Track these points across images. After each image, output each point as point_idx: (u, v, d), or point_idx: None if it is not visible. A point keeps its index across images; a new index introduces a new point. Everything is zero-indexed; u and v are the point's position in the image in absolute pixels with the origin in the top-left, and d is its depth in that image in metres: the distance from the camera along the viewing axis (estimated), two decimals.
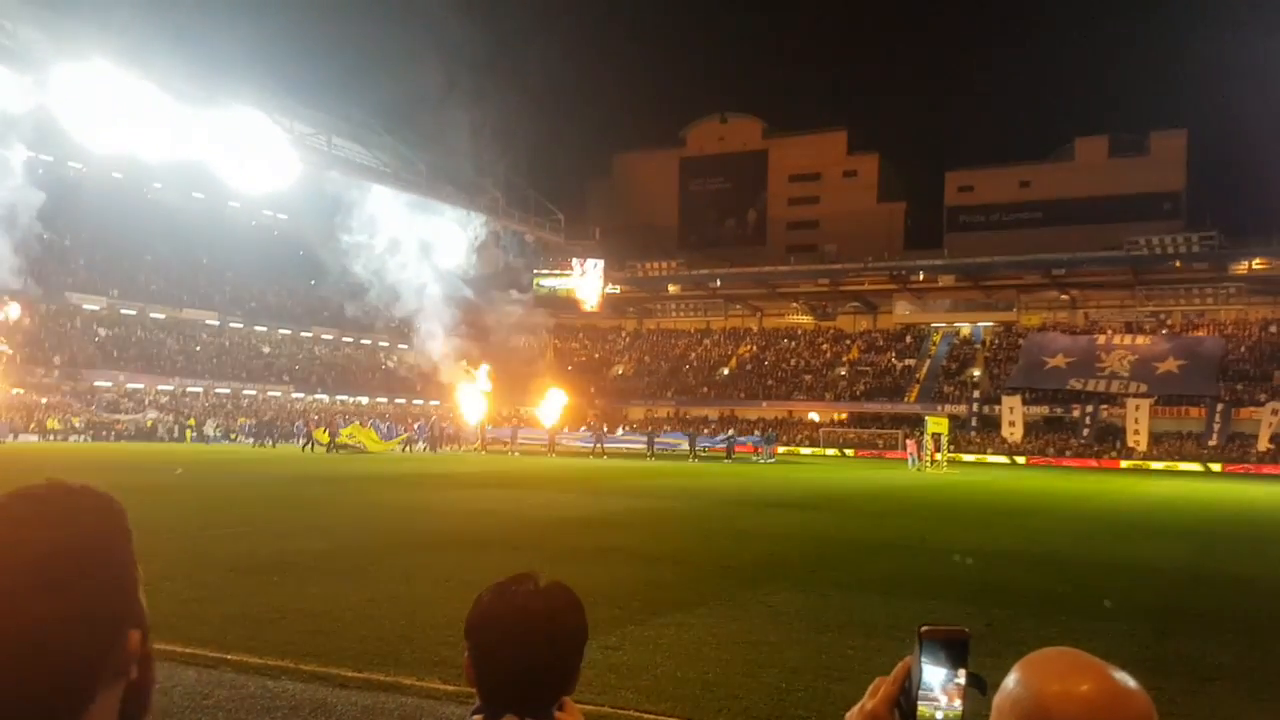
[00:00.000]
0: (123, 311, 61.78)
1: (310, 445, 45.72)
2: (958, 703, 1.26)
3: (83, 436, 49.91)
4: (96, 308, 60.44)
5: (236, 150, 54.52)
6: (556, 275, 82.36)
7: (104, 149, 51.54)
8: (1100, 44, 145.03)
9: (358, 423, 51.18)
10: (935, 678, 1.26)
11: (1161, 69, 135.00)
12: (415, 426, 53.08)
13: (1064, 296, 74.03)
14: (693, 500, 23.54)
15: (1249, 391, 60.72)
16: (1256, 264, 65.74)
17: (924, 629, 1.27)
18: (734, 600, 10.38)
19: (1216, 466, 55.34)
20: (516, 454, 48.74)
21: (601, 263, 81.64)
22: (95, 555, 1.02)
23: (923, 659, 1.26)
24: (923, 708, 1.26)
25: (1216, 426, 59.14)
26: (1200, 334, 67.33)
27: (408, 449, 48.82)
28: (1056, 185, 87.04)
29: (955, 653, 1.26)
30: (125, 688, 1.06)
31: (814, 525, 18.89)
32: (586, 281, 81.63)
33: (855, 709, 1.33)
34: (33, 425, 49.32)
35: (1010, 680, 1.13)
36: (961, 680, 1.26)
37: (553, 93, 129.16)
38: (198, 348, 63.59)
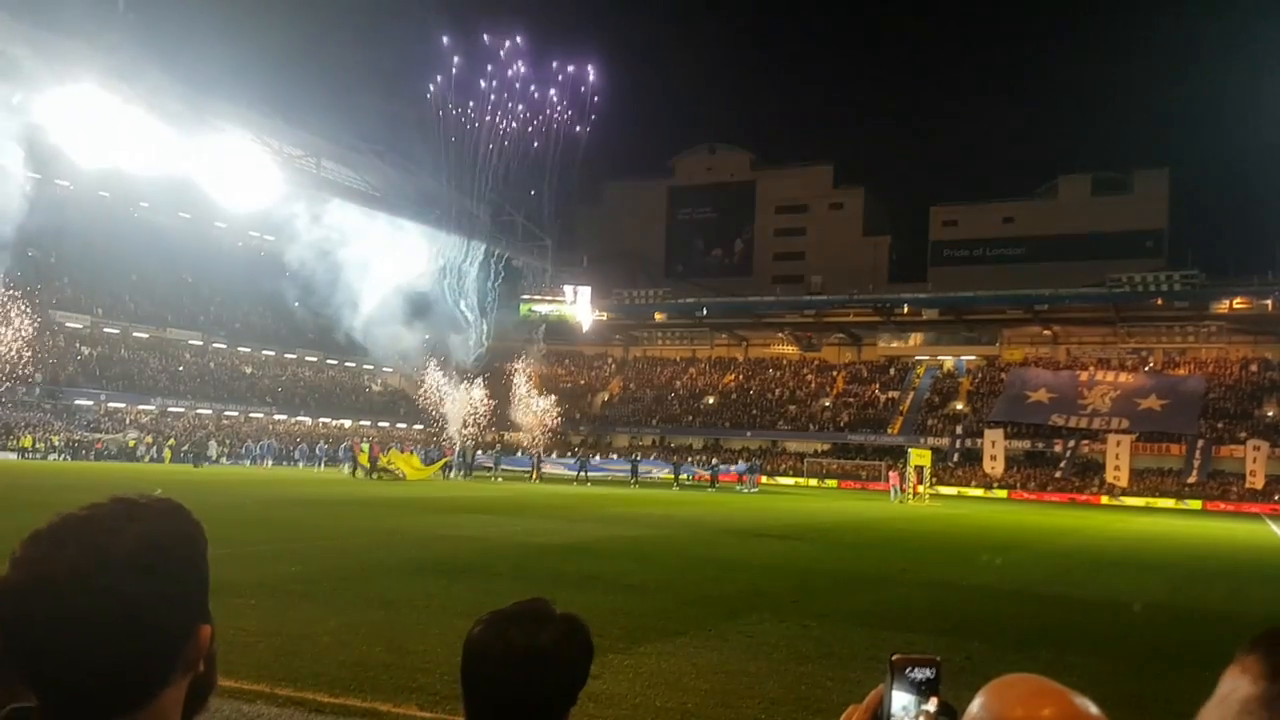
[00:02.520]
0: (106, 330, 61.48)
1: (356, 469, 45.19)
2: None
3: (62, 455, 49.47)
4: (80, 326, 60.13)
5: (224, 171, 54.54)
6: (545, 301, 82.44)
7: (92, 168, 51.45)
8: (1084, 84, 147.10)
9: (396, 448, 49.89)
10: (907, 706, 1.28)
11: (1145, 109, 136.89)
12: (454, 452, 51.47)
13: (1046, 332, 74.57)
14: (675, 529, 23.48)
15: (1229, 430, 61.16)
16: (1237, 303, 66.40)
17: (896, 657, 1.29)
18: (714, 630, 10.36)
19: (1195, 504, 55.63)
20: (500, 479, 48.61)
21: (588, 289, 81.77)
22: (181, 550, 1.17)
23: (894, 687, 1.28)
24: None
25: (1196, 464, 59.53)
26: (1181, 372, 67.88)
27: (447, 474, 47.57)
28: (1040, 222, 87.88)
29: (927, 681, 1.28)
30: (192, 681, 1.18)
31: (796, 556, 18.87)
32: (577, 308, 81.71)
33: None
34: (11, 443, 48.86)
35: (975, 705, 1.14)
36: (932, 708, 1.28)
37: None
38: (180, 368, 63.27)
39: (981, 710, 1.12)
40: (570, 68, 70.45)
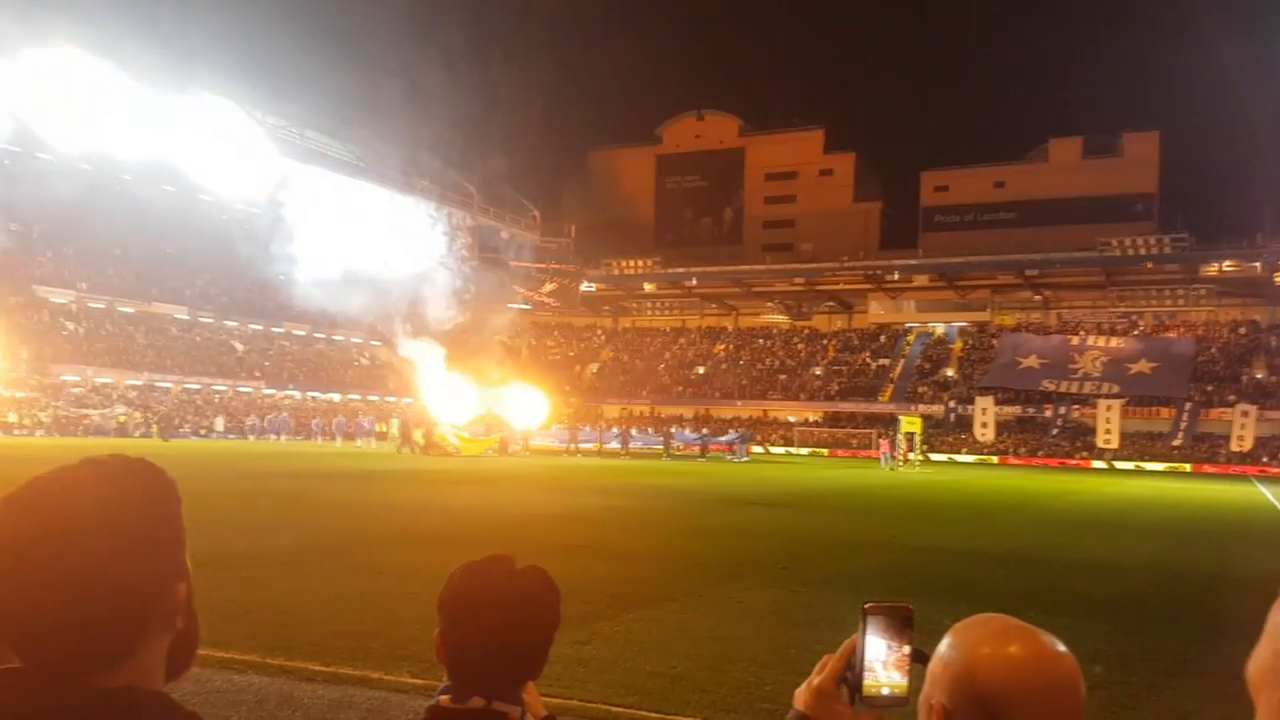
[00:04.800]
0: (91, 305, 61.07)
1: (408, 445, 44.03)
2: (903, 677, 1.27)
3: (49, 431, 49.24)
4: (64, 301, 59.73)
5: (207, 142, 54.02)
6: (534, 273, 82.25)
7: (73, 140, 50.87)
8: (1074, 46, 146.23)
9: (447, 422, 47.92)
10: (880, 652, 1.27)
11: (1135, 71, 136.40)
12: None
13: (1037, 297, 74.67)
14: (666, 499, 23.55)
15: (1219, 392, 61.48)
16: (1227, 266, 66.56)
17: (868, 605, 1.29)
18: (704, 596, 10.39)
19: (1184, 466, 55.98)
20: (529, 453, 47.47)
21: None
22: (150, 509, 1.18)
23: (868, 635, 1.27)
24: (869, 681, 1.27)
25: (1183, 426, 59.85)
26: (1171, 335, 68.12)
27: (502, 451, 45.13)
28: (1030, 186, 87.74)
29: (899, 628, 1.28)
30: (173, 639, 1.20)
31: (786, 524, 18.95)
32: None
33: (803, 685, 1.33)
34: None
35: (943, 645, 1.15)
36: (906, 654, 1.27)
37: (530, 88, 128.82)
38: (166, 342, 63.00)
39: (950, 649, 1.13)
40: None
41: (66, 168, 57.20)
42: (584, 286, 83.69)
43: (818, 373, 74.33)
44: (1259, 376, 62.00)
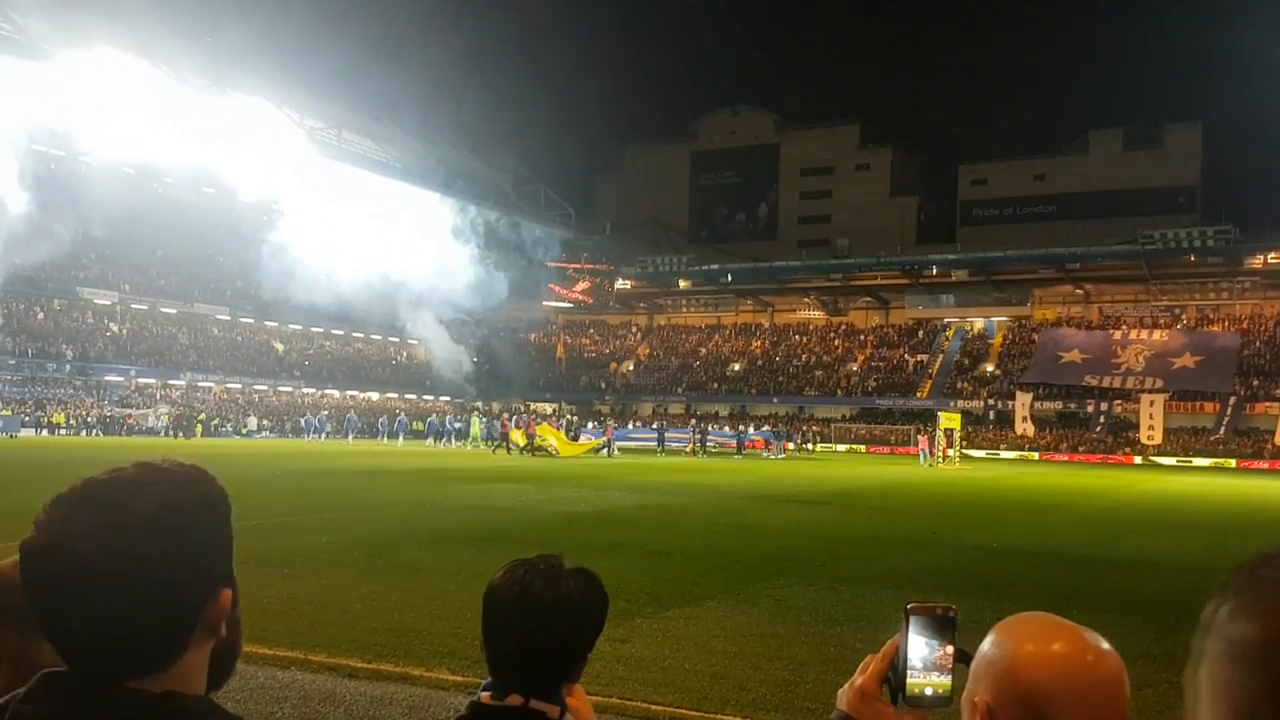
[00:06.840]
0: (134, 306, 62.04)
1: (508, 447, 43.72)
2: (946, 677, 1.26)
3: (95, 431, 50.06)
4: (108, 302, 60.71)
5: (246, 145, 54.68)
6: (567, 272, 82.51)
7: (114, 144, 51.71)
8: (1114, 36, 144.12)
9: (547, 423, 47.96)
10: (923, 652, 1.27)
11: (1177, 62, 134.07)
12: (613, 430, 48.56)
13: (1078, 291, 73.64)
14: (702, 496, 23.51)
15: (1264, 386, 60.33)
16: (1271, 258, 65.27)
17: (911, 605, 1.28)
18: (742, 594, 10.36)
19: (1231, 462, 54.96)
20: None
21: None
22: (200, 514, 1.17)
23: (911, 635, 1.27)
24: (912, 681, 1.26)
25: (1226, 420, 58.74)
26: (1215, 329, 66.91)
27: (601, 453, 44.43)
28: (1070, 179, 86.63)
29: (942, 628, 1.27)
30: (214, 647, 1.19)
31: (824, 521, 18.85)
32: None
33: (846, 685, 1.33)
34: (43, 419, 49.45)
35: (986, 643, 1.14)
36: (949, 653, 1.26)
37: (564, 87, 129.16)
38: (208, 343, 63.83)
39: (993, 648, 1.13)
40: None
41: (109, 171, 58.26)
42: (618, 284, 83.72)
43: (854, 369, 73.83)
44: None
